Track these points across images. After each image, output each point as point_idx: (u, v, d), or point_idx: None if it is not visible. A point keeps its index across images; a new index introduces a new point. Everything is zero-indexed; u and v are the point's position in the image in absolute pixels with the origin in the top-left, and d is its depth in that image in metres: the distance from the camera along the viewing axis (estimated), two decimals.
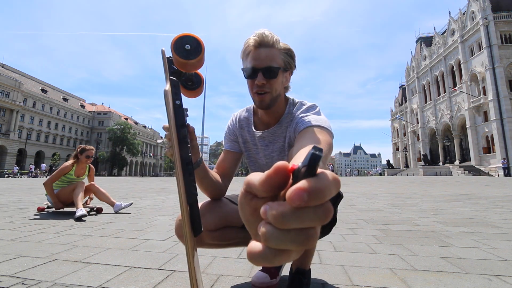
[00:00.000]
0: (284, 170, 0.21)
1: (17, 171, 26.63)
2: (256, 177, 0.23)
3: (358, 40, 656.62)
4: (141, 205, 3.91)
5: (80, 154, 3.23)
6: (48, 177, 3.19)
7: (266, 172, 0.21)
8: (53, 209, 3.24)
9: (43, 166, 29.61)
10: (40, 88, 49.58)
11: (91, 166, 3.40)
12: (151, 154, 68.30)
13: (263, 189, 0.22)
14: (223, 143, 1.12)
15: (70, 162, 3.17)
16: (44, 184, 3.02)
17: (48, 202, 3.16)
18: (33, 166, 29.78)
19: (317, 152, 0.19)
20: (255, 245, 0.20)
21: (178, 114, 0.69)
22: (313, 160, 0.19)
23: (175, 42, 0.68)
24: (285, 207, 0.19)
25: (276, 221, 0.19)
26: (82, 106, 58.99)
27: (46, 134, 46.40)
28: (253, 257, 0.20)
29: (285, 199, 0.19)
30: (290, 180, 0.21)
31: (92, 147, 3.34)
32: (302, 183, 0.19)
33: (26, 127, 42.33)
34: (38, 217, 2.83)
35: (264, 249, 0.20)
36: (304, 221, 0.19)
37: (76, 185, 3.08)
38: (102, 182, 13.18)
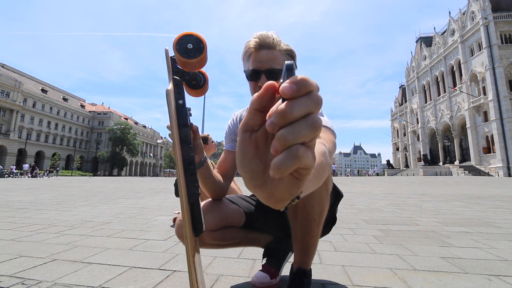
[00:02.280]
0: (272, 87, 0.23)
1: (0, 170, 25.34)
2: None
3: (357, 41, 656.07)
4: (141, 205, 3.92)
5: (205, 143, 2.58)
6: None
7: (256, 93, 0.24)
8: None
9: (25, 166, 28.13)
10: (40, 88, 49.59)
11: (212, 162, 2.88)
12: (151, 154, 68.28)
13: (258, 101, 0.24)
14: (224, 143, 1.12)
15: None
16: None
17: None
18: (14, 166, 28.35)
19: (288, 62, 0.22)
20: (275, 158, 0.21)
21: (181, 114, 0.69)
22: (287, 67, 0.22)
23: (177, 41, 0.68)
24: (283, 104, 0.21)
25: (281, 115, 0.20)
26: (82, 106, 59.00)
27: (46, 134, 46.41)
28: (275, 166, 0.20)
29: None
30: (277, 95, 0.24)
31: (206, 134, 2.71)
32: (288, 80, 0.21)
33: (26, 127, 42.33)
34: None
35: (282, 154, 0.20)
36: (303, 107, 0.20)
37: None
38: (103, 182, 13.18)
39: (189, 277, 0.64)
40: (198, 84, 0.81)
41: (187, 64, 0.69)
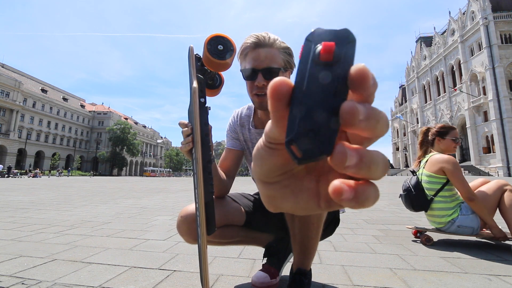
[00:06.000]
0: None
1: None
2: None
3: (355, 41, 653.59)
4: (141, 205, 3.92)
5: (441, 137, 1.83)
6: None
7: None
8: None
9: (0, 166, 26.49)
10: (40, 88, 49.56)
11: None
12: (151, 154, 68.24)
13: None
14: (225, 141, 1.12)
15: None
16: (474, 197, 1.65)
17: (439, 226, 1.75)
18: None
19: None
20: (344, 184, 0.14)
21: (202, 112, 0.70)
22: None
23: (208, 41, 0.68)
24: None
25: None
26: (82, 106, 58.97)
27: (46, 134, 46.37)
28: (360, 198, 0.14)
29: None
30: None
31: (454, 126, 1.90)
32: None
33: (26, 127, 42.31)
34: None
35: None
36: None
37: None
38: (102, 182, 13.19)
39: (203, 274, 0.65)
40: (214, 84, 0.81)
41: (214, 64, 0.69)
